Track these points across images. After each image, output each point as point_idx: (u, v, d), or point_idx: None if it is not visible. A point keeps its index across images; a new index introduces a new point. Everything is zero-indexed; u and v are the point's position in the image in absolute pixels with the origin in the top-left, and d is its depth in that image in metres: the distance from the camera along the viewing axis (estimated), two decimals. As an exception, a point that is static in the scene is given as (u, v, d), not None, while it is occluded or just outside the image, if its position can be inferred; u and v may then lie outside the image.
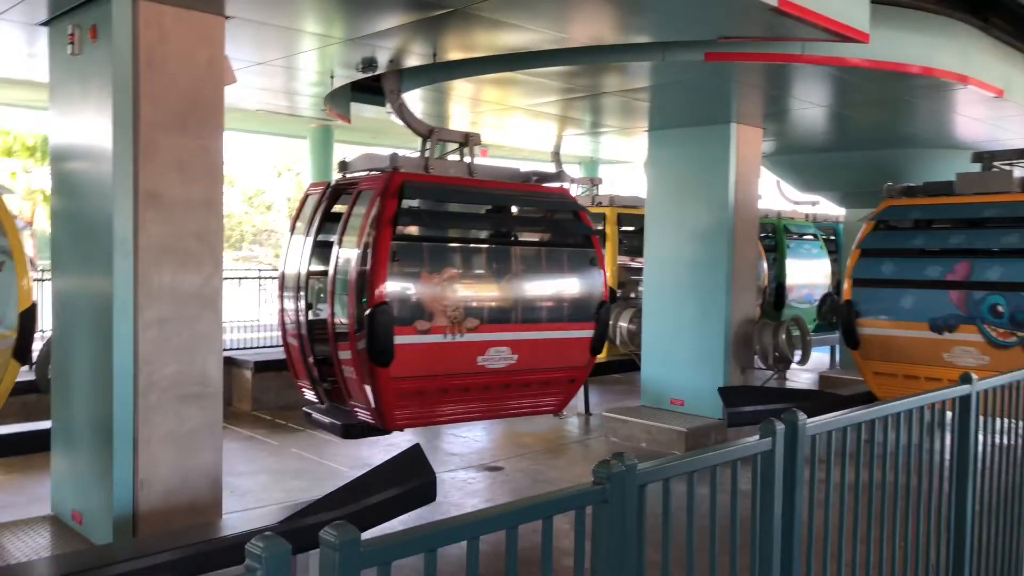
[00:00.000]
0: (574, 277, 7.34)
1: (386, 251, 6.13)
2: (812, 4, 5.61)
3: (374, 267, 6.13)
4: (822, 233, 15.36)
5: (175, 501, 5.48)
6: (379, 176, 6.58)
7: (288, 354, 7.37)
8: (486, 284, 6.90)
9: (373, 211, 6.20)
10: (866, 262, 8.80)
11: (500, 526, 1.83)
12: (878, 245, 8.81)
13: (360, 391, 6.33)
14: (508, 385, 6.92)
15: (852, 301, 8.76)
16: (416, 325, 6.33)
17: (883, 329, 8.58)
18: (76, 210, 5.70)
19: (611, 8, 5.63)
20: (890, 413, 3.37)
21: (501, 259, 6.97)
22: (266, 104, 10.74)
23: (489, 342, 6.69)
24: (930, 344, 8.17)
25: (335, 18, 6.30)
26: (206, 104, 5.53)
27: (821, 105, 9.04)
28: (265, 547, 1.39)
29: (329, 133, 17.67)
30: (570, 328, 7.23)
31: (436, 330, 6.42)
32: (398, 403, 6.37)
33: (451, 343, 6.49)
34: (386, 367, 6.14)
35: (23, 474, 7.64)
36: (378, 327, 6.05)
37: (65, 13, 5.56)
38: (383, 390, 6.25)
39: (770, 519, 2.67)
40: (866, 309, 8.69)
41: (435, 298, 6.45)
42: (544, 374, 7.13)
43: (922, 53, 7.30)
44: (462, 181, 6.99)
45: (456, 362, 6.58)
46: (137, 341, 5.28)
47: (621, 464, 2.05)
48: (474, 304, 6.65)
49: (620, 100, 8.99)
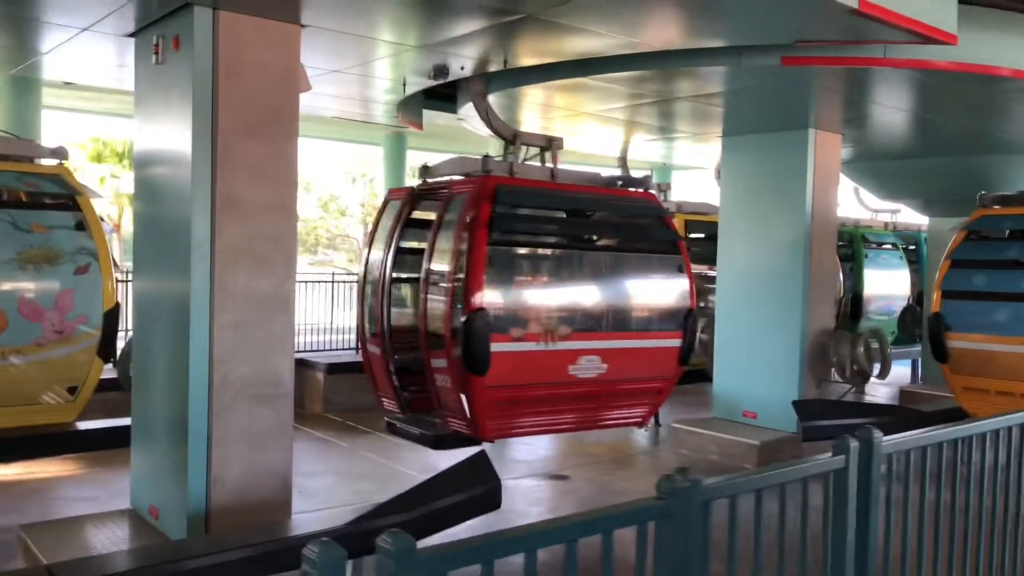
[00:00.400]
0: (662, 284, 7.13)
1: (482, 256, 5.99)
2: (895, 5, 5.40)
3: (470, 273, 5.98)
4: (902, 242, 14.83)
5: (246, 499, 5.59)
6: (472, 180, 6.45)
7: (367, 363, 7.23)
8: (577, 291, 6.72)
9: (468, 215, 6.08)
10: (957, 273, 8.55)
11: (558, 539, 1.80)
12: (970, 256, 8.56)
13: (455, 400, 6.18)
14: (597, 395, 6.75)
15: (941, 313, 8.50)
16: (511, 332, 6.18)
17: (974, 343, 8.31)
18: (156, 214, 5.89)
19: (685, 13, 5.55)
20: (975, 433, 3.21)
21: (592, 265, 6.78)
22: (341, 112, 10.94)
23: (580, 350, 6.53)
24: None
25: (409, 25, 6.37)
26: (282, 111, 5.65)
27: (904, 110, 8.73)
28: (320, 552, 1.39)
29: (402, 140, 17.92)
30: (658, 337, 7.04)
31: (530, 337, 6.28)
32: (492, 413, 6.21)
33: (544, 351, 6.35)
34: (482, 376, 5.99)
35: (105, 468, 7.92)
36: (475, 334, 5.90)
37: (151, 24, 5.76)
38: (478, 399, 6.09)
39: (843, 542, 2.55)
40: (956, 322, 8.43)
41: (529, 305, 6.32)
42: (632, 384, 6.95)
43: (1014, 55, 6.97)
44: (551, 185, 6.83)
45: (548, 371, 6.43)
46: (213, 342, 5.41)
47: (685, 480, 1.99)
48: (566, 311, 6.51)
49: (693, 105, 8.85)
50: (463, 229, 6.06)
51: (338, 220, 32.17)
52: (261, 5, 5.38)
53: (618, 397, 6.90)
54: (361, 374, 11.63)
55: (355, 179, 31.41)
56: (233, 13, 5.35)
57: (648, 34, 6.18)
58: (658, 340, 7.03)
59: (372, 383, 7.32)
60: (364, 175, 30.88)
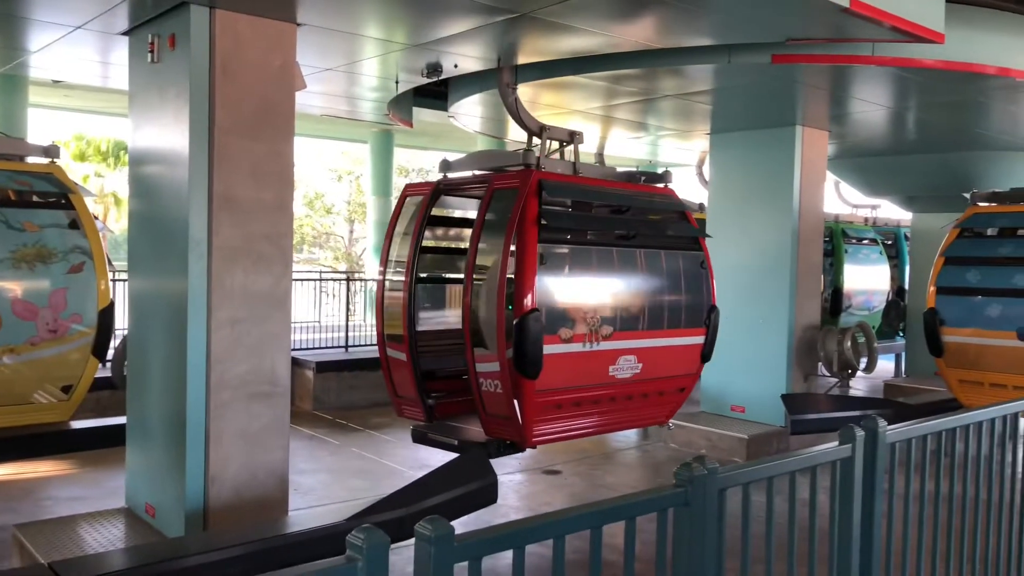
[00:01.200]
0: (689, 281, 7.01)
1: (534, 254, 5.74)
2: (884, 4, 5.49)
3: (521, 271, 5.71)
4: (882, 238, 14.97)
5: (244, 497, 5.61)
6: (515, 174, 6.16)
7: (386, 368, 6.86)
8: (618, 289, 6.50)
9: (518, 211, 5.77)
10: (951, 270, 8.75)
11: (586, 525, 1.85)
12: (963, 253, 8.76)
13: (505, 407, 5.89)
14: (631, 396, 6.60)
15: (936, 309, 8.70)
16: (560, 333, 5.93)
17: (968, 337, 8.52)
18: (153, 213, 5.88)
19: (677, 12, 5.60)
20: (972, 422, 3.29)
21: (629, 263, 6.55)
22: (329, 109, 10.94)
23: (620, 350, 6.36)
24: (1018, 353, 8.11)
25: (403, 24, 6.39)
26: (278, 110, 5.67)
27: (890, 107, 8.85)
28: (366, 538, 1.42)
29: (390, 137, 17.90)
30: (685, 334, 6.92)
31: (577, 338, 6.05)
32: (539, 418, 5.96)
33: (589, 352, 6.15)
34: (534, 379, 5.73)
35: (97, 468, 7.89)
36: (529, 336, 5.64)
37: (145, 23, 5.75)
38: (528, 404, 5.82)
39: (849, 528, 2.62)
40: (951, 317, 8.63)
41: (577, 304, 6.09)
42: (661, 383, 6.83)
43: (998, 53, 7.09)
44: (587, 180, 6.64)
45: (592, 372, 6.24)
46: (210, 340, 5.42)
47: (703, 467, 2.04)
48: (608, 310, 6.29)
49: (681, 103, 8.92)
50: (513, 226, 5.77)
51: (324, 218, 32.08)
52: (257, 4, 5.38)
53: (649, 396, 6.78)
54: (351, 372, 11.81)
55: (341, 177, 31.32)
56: (230, 12, 5.35)
57: (641, 33, 6.23)
58: (685, 338, 6.91)
59: (391, 389, 6.93)
60: (350, 172, 30.79)
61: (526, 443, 6.04)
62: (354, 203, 31.24)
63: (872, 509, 2.71)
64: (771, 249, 9.88)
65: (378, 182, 18.74)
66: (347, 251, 32.07)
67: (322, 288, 15.66)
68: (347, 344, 12.81)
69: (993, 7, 7.03)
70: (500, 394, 5.89)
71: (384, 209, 18.95)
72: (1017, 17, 7.17)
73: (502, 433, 6.10)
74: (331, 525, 5.23)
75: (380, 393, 11.94)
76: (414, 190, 7.01)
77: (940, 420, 3.16)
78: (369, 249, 19.83)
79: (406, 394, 6.77)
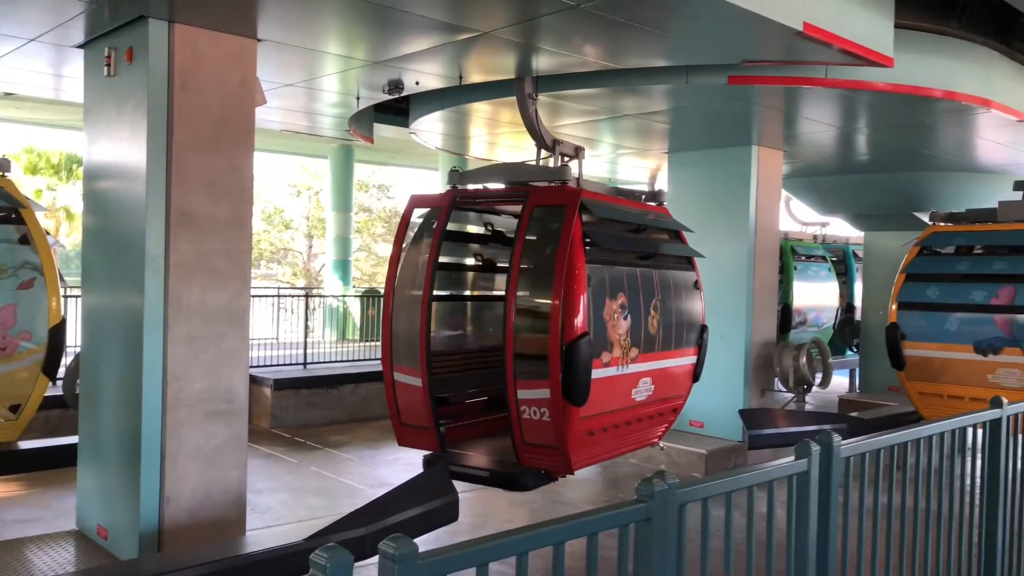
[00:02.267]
0: (689, 301, 6.94)
1: (583, 275, 5.50)
2: (836, 28, 5.65)
3: (570, 293, 5.45)
4: (830, 255, 15.21)
5: (200, 517, 5.52)
6: (560, 190, 5.89)
7: (392, 392, 6.34)
8: (643, 310, 6.30)
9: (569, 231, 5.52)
10: (912, 286, 9.06)
11: (548, 541, 1.86)
12: (923, 270, 9.09)
13: (549, 435, 5.58)
14: (641, 418, 6.44)
15: (897, 324, 9.01)
16: (602, 357, 5.74)
17: (928, 351, 8.84)
18: (108, 228, 5.79)
19: (637, 34, 5.70)
20: (923, 436, 3.37)
21: (650, 283, 6.38)
22: (290, 124, 10.88)
23: (642, 372, 6.24)
24: (975, 366, 8.47)
25: (364, 41, 6.39)
26: (237, 125, 5.63)
27: (842, 128, 9.07)
28: (330, 557, 1.42)
29: (350, 152, 17.86)
30: (685, 354, 6.87)
31: (614, 361, 5.89)
32: (579, 444, 5.70)
33: (621, 375, 5.99)
34: (582, 405, 5.49)
35: (46, 489, 7.69)
36: (579, 361, 5.38)
37: (102, 36, 5.68)
38: (572, 431, 5.55)
39: (805, 541, 2.67)
40: (912, 332, 8.94)
41: (616, 326, 5.90)
42: (663, 404, 6.71)
43: (945, 77, 7.32)
44: (614, 199, 6.51)
45: (620, 396, 6.07)
46: (166, 357, 5.35)
47: (664, 483, 2.07)
48: (637, 332, 6.14)
49: (640, 122, 9.05)
50: (567, 245, 5.50)
51: (282, 233, 31.78)
52: (217, 19, 5.35)
53: (653, 418, 6.66)
54: (309, 389, 11.69)
55: (300, 192, 31.09)
56: (189, 27, 5.32)
57: (600, 53, 6.32)
58: (685, 358, 6.87)
59: (395, 417, 6.41)
60: (309, 188, 30.58)
61: (566, 471, 5.77)
62: (313, 218, 31.00)
63: (828, 522, 2.77)
64: (728, 266, 10.02)
65: (338, 197, 18.65)
66: (306, 267, 31.80)
67: (280, 304, 15.50)
68: (306, 361, 12.69)
69: (940, 33, 7.26)
70: (546, 423, 5.54)
71: (344, 224, 18.86)
72: (963, 42, 7.41)
73: (539, 462, 5.80)
74: (290, 545, 5.16)
75: (339, 411, 11.89)
76: (423, 202, 6.53)
77: (893, 435, 3.24)
78: (328, 265, 19.70)
79: (415, 422, 6.29)
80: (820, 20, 5.52)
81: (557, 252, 5.52)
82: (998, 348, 8.35)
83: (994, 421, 4.03)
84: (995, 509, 4.04)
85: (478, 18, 5.51)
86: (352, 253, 20.63)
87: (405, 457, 9.79)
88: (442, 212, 6.26)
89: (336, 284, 18.69)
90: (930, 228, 9.31)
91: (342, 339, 16.81)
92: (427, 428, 6.21)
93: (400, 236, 6.41)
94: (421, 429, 6.26)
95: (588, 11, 5.12)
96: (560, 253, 5.50)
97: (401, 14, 5.40)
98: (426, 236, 6.32)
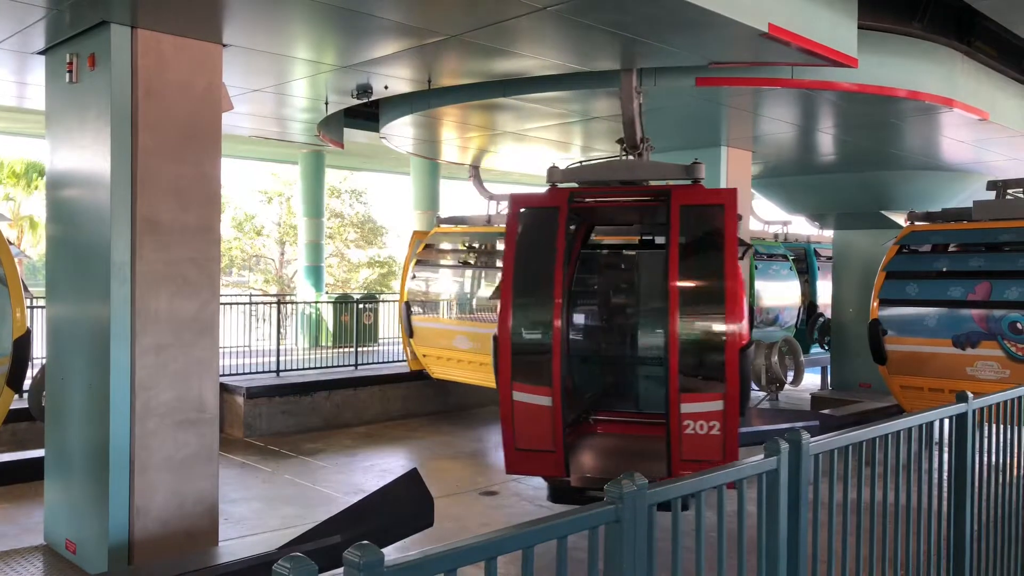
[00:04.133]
0: None
1: (742, 278, 5.43)
2: (801, 30, 5.71)
3: (734, 298, 5.33)
4: (791, 253, 15.29)
5: (171, 528, 5.45)
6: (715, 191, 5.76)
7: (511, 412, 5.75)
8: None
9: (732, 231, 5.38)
10: (892, 283, 9.31)
11: (517, 546, 1.85)
12: (902, 268, 9.34)
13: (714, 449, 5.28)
14: None
15: (879, 320, 9.24)
16: None
17: (909, 346, 9.07)
18: (72, 237, 5.70)
19: (604, 36, 5.72)
20: (892, 431, 3.41)
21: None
22: (259, 130, 10.80)
23: None
24: (954, 359, 8.72)
25: (329, 46, 6.37)
26: (203, 131, 5.57)
27: (810, 128, 9.17)
28: (293, 567, 1.40)
29: (321, 158, 17.73)
30: None
31: None
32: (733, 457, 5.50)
33: None
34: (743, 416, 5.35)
35: (13, 504, 7.55)
36: (747, 370, 5.29)
37: (63, 42, 5.60)
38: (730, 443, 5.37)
39: (776, 538, 2.69)
40: (892, 327, 9.19)
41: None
42: None
43: (908, 77, 7.43)
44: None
45: None
46: (134, 367, 5.27)
47: (633, 483, 2.07)
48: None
49: (612, 124, 9.07)
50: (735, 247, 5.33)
51: (254, 240, 31.51)
52: (181, 24, 5.30)
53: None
54: (283, 397, 11.56)
55: (271, 198, 30.86)
56: (152, 32, 5.25)
57: (568, 56, 6.33)
58: None
59: (510, 442, 5.83)
60: (280, 194, 30.36)
61: None
62: (285, 224, 30.79)
63: (798, 519, 2.79)
64: (700, 266, 10.06)
65: (309, 203, 18.52)
66: (278, 274, 31.57)
67: (253, 312, 15.36)
68: (279, 369, 12.57)
69: (903, 33, 7.36)
70: (715, 436, 5.25)
71: (315, 230, 18.73)
72: (926, 43, 7.52)
73: None
74: (263, 555, 5.12)
75: (313, 418, 11.78)
76: (529, 202, 6.09)
77: (861, 431, 3.27)
78: (300, 271, 19.56)
79: (539, 446, 5.72)
80: (785, 21, 5.58)
81: (725, 254, 5.30)
82: (976, 342, 8.60)
83: (960, 415, 4.09)
84: (963, 501, 4.09)
85: (444, 22, 5.50)
86: (324, 259, 20.49)
87: (381, 464, 9.74)
88: (560, 213, 5.84)
89: (308, 290, 18.57)
90: (908, 227, 9.57)
91: (315, 346, 16.69)
92: (552, 452, 5.68)
93: (511, 241, 5.94)
94: (543, 455, 5.74)
95: (554, 14, 5.12)
96: (729, 255, 5.29)
97: (367, 18, 5.38)
98: (545, 240, 5.84)
